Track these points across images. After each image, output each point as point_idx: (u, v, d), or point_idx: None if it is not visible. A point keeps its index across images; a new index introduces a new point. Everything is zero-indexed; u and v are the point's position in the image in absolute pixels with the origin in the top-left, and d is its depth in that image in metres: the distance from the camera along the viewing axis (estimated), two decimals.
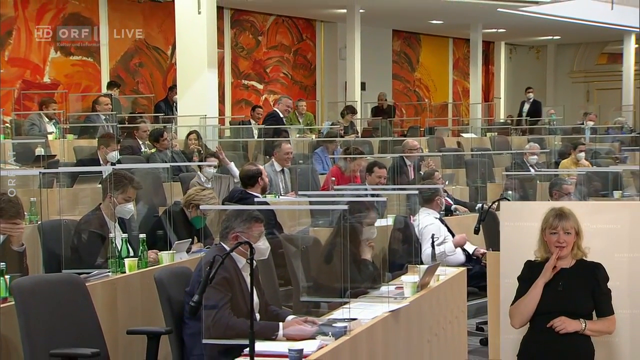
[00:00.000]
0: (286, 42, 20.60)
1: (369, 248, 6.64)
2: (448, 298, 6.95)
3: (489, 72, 25.60)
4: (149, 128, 12.44)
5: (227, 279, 5.04)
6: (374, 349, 5.30)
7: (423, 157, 12.87)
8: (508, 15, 20.62)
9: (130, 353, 5.65)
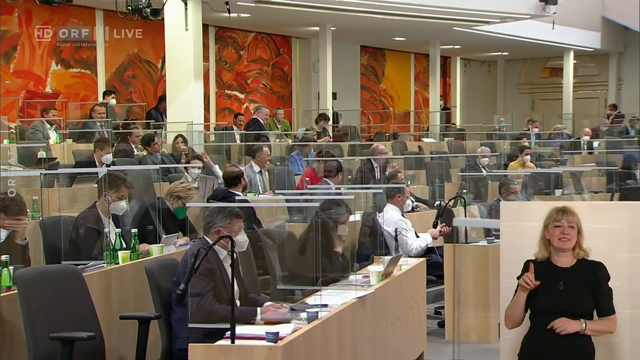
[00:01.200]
0: (265, 56, 20.59)
1: (340, 242, 6.65)
2: (409, 285, 6.96)
3: (446, 84, 25.66)
4: (141, 133, 12.40)
5: (210, 270, 5.04)
6: (342, 331, 5.30)
7: (388, 159, 12.88)
8: (463, 33, 20.69)
9: (123, 336, 5.62)
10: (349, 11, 16.96)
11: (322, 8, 16.46)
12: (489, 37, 21.51)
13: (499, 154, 16.03)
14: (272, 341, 4.37)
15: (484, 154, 13.98)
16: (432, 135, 20.44)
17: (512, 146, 16.88)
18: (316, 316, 4.93)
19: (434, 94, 22.81)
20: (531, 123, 21.04)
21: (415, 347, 7.07)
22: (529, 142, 17.55)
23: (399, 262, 6.74)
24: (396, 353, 6.59)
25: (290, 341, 4.48)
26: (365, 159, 12.45)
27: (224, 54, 19.47)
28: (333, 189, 9.34)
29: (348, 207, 7.02)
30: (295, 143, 14.62)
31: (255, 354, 4.33)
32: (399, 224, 8.72)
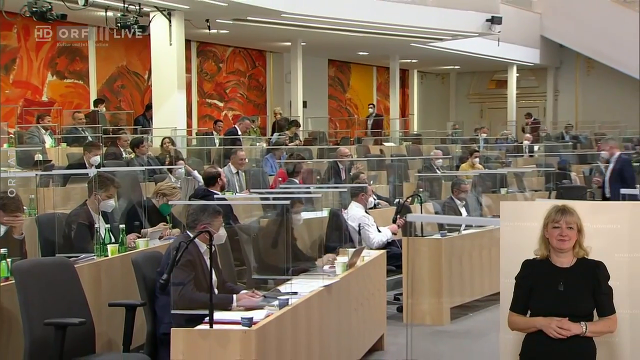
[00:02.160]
0: (242, 69, 20.55)
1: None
2: (371, 275, 6.96)
3: (405, 94, 25.72)
4: (129, 138, 12.34)
5: (190, 261, 5.02)
6: (311, 316, 5.30)
7: (353, 161, 12.89)
8: (419, 49, 20.75)
9: (111, 322, 5.58)
10: (317, 28, 16.98)
11: (293, 25, 16.47)
12: (442, 53, 21.59)
13: (452, 156, 16.09)
14: (246, 326, 4.37)
15: (437, 157, 14.03)
16: (393, 140, 20.46)
17: (463, 150, 16.94)
18: (287, 303, 4.94)
19: (394, 103, 22.87)
20: (480, 129, 21.16)
21: (376, 330, 7.07)
22: (478, 146, 17.63)
23: (362, 254, 6.75)
24: (359, 336, 6.59)
25: (263, 325, 4.47)
26: (332, 161, 12.46)
27: (204, 66, 19.42)
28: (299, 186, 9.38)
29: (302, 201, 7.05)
30: (269, 147, 14.59)
31: (232, 337, 4.31)
32: (362, 219, 8.72)
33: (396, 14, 17.39)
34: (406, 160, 15.27)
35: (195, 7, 13.71)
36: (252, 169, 11.70)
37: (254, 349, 4.28)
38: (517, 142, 20.19)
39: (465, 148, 17.14)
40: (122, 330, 5.17)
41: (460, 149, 17.40)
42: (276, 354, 4.63)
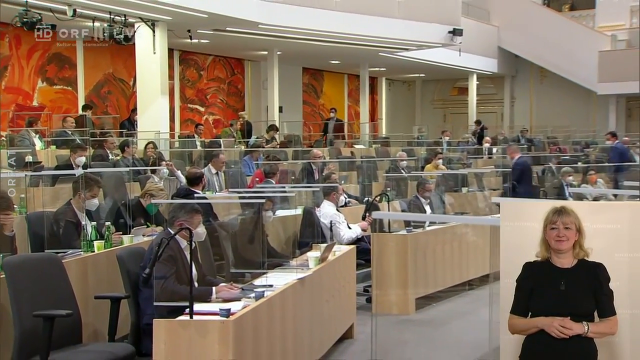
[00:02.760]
0: (222, 76, 20.51)
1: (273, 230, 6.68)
2: (342, 268, 6.95)
3: (374, 100, 25.78)
4: (115, 141, 12.27)
5: (172, 256, 5.00)
6: (285, 307, 5.29)
7: (325, 162, 12.89)
8: (387, 58, 20.81)
9: (97, 314, 5.54)
10: (292, 38, 16.97)
11: (269, 35, 16.46)
12: (408, 62, 21.67)
13: (417, 158, 16.13)
14: (224, 316, 4.35)
15: (403, 158, 14.06)
16: (362, 142, 20.51)
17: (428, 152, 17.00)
18: (263, 295, 4.93)
19: (364, 108, 22.90)
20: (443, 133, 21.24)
21: (346, 319, 7.06)
22: (441, 148, 17.70)
23: (333, 249, 6.74)
24: (331, 325, 6.58)
25: (240, 316, 4.45)
26: (306, 163, 12.45)
27: (186, 73, 19.36)
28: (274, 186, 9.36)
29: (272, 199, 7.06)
30: (247, 149, 14.56)
31: (210, 328, 4.29)
32: (334, 217, 8.71)
33: (365, 25, 17.42)
34: (375, 161, 15.28)
35: (178, 18, 13.65)
36: (231, 170, 11.66)
37: (231, 339, 4.26)
38: (478, 145, 20.29)
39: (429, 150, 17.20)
40: (108, 321, 5.14)
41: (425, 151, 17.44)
42: (252, 343, 4.62)
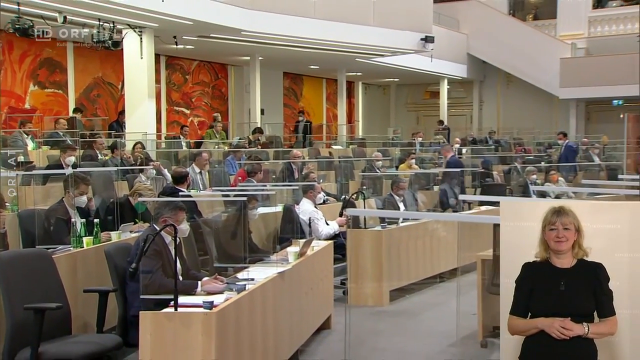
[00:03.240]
0: (206, 80, 20.43)
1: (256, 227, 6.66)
2: (320, 262, 6.95)
3: (351, 103, 25.76)
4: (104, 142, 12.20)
5: (158, 251, 4.98)
6: (266, 300, 5.27)
7: (304, 162, 12.88)
8: (363, 63, 20.83)
9: (86, 306, 5.48)
10: (273, 44, 16.94)
11: (251, 42, 16.42)
12: (383, 67, 21.70)
13: (392, 158, 16.17)
14: (207, 308, 4.33)
15: (378, 158, 14.08)
16: (340, 143, 20.51)
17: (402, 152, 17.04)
18: (244, 288, 4.91)
19: (341, 111, 22.90)
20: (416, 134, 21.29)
21: (324, 311, 7.05)
22: (414, 149, 17.74)
23: (312, 244, 6.73)
24: (309, 316, 6.57)
25: (223, 308, 4.43)
26: (286, 162, 12.44)
27: (172, 77, 19.27)
28: (256, 185, 9.34)
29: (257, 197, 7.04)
30: (230, 149, 14.52)
31: (194, 319, 4.26)
32: (312, 214, 8.71)
33: (343, 32, 17.43)
34: (352, 161, 15.31)
35: (164, 25, 13.59)
36: (214, 169, 11.62)
37: (214, 330, 4.24)
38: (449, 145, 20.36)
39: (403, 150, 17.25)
40: (96, 314, 5.10)
41: (399, 152, 17.49)
42: (235, 334, 4.60)
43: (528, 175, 12.74)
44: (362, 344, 6.73)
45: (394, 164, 15.28)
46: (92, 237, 6.13)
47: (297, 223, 8.39)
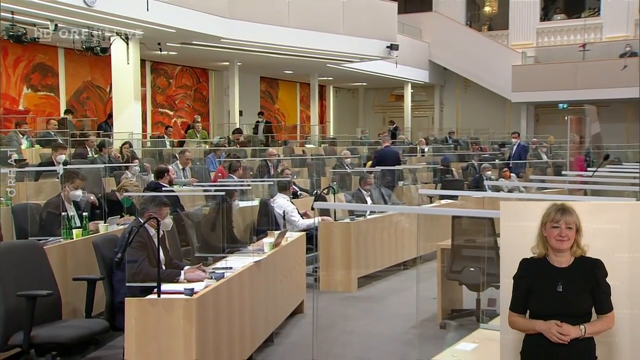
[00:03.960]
0: (189, 84, 20.28)
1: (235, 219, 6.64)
2: (293, 252, 6.95)
3: (322, 105, 25.75)
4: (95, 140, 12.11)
5: (143, 243, 4.95)
6: (243, 287, 5.27)
7: (280, 160, 12.86)
8: (334, 69, 20.81)
9: (75, 294, 5.45)
10: (251, 51, 16.86)
11: (230, 48, 16.32)
12: (352, 72, 21.71)
13: (360, 156, 16.20)
14: (188, 295, 4.32)
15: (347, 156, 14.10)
16: (313, 142, 20.50)
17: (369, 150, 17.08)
18: (223, 276, 4.90)
19: (314, 113, 22.89)
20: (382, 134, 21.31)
21: (297, 297, 7.06)
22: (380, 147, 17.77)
23: (285, 235, 6.73)
24: (283, 302, 6.57)
25: (203, 295, 4.42)
26: (262, 160, 12.42)
27: (157, 81, 19.10)
28: (236, 180, 9.32)
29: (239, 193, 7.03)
30: (211, 148, 14.45)
31: (176, 305, 4.25)
32: (288, 207, 8.70)
33: (315, 40, 17.42)
34: (323, 159, 15.32)
35: (149, 32, 13.47)
36: (196, 166, 11.57)
37: (194, 314, 4.22)
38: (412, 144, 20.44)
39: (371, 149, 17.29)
40: (85, 300, 5.07)
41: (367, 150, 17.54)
42: (213, 319, 4.58)
43: (483, 171, 12.84)
44: (332, 326, 6.74)
45: (362, 162, 15.31)
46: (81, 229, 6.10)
47: (273, 216, 8.39)
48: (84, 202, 6.91)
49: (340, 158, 14.60)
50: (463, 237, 6.51)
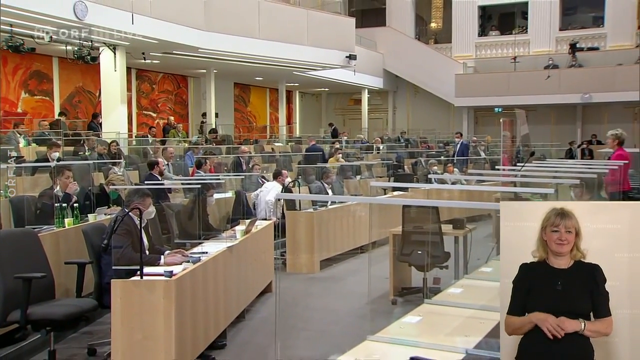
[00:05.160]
0: (170, 89, 20.07)
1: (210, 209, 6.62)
2: (262, 238, 6.95)
3: (290, 108, 25.70)
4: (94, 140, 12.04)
5: (128, 230, 4.90)
6: (217, 269, 5.25)
7: (251, 156, 12.82)
8: (300, 76, 20.80)
9: (67, 276, 5.38)
10: (225, 60, 16.76)
11: (207, 57, 16.20)
12: (316, 79, 21.71)
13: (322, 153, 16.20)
14: (168, 277, 4.30)
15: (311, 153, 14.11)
16: (281, 140, 20.46)
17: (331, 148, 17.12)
18: (199, 259, 4.88)
19: (282, 115, 22.85)
20: (343, 134, 21.40)
21: (266, 278, 7.06)
22: (341, 145, 17.84)
23: (256, 223, 6.72)
24: (254, 283, 6.57)
25: (181, 277, 4.41)
26: (236, 157, 12.36)
27: (141, 87, 18.86)
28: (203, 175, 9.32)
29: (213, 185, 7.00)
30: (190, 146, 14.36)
31: (157, 286, 4.23)
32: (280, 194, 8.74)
33: (282, 50, 17.38)
34: (290, 155, 15.31)
35: (134, 43, 13.33)
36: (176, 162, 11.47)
37: (174, 294, 4.21)
38: (368, 143, 20.53)
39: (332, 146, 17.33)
40: (76, 282, 5.01)
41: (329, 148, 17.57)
42: (191, 298, 4.57)
43: (430, 167, 12.98)
44: (297, 304, 6.77)
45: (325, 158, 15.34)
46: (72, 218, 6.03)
47: (245, 206, 8.37)
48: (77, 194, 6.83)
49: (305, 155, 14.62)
50: (412, 224, 6.58)
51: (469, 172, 12.22)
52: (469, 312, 3.87)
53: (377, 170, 14.49)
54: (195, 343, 4.65)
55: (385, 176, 14.06)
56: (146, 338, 4.16)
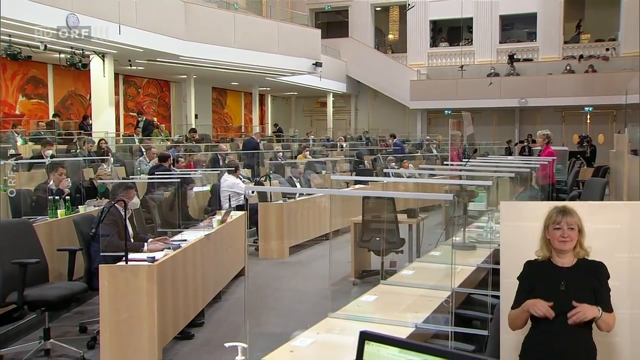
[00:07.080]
0: (154, 92, 19.82)
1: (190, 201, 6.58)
2: (236, 227, 6.93)
3: (262, 110, 25.54)
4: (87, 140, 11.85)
5: (114, 220, 4.88)
6: (195, 255, 5.25)
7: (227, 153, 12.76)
8: (272, 81, 20.74)
9: (59, 262, 5.33)
10: (204, 66, 16.64)
11: (187, 64, 16.06)
12: (286, 84, 21.66)
13: (291, 150, 16.21)
14: (151, 262, 4.29)
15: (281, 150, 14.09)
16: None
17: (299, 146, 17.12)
18: (179, 246, 4.87)
19: (255, 116, 22.74)
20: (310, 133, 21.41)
21: (239, 263, 7.05)
22: (308, 143, 17.86)
23: (230, 214, 6.72)
24: (229, 268, 6.57)
25: (162, 262, 4.40)
26: (214, 154, 12.30)
27: (128, 91, 18.59)
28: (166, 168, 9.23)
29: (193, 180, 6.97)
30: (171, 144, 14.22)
31: (140, 270, 4.22)
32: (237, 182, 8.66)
33: (255, 58, 17.32)
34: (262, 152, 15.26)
35: (121, 51, 13.16)
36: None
37: (156, 278, 4.20)
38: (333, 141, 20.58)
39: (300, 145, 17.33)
40: (67, 267, 4.97)
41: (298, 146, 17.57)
42: (171, 282, 4.57)
43: (388, 162, 13.07)
44: (267, 286, 6.79)
45: (293, 155, 15.34)
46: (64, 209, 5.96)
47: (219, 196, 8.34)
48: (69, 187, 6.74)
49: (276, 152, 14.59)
50: (371, 214, 6.65)
51: (420, 167, 12.35)
52: (420, 291, 3.87)
53: (341, 165, 14.54)
54: (176, 321, 4.65)
55: (348, 171, 14.12)
56: (131, 317, 4.16)
